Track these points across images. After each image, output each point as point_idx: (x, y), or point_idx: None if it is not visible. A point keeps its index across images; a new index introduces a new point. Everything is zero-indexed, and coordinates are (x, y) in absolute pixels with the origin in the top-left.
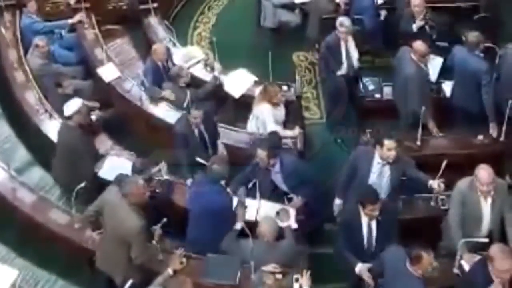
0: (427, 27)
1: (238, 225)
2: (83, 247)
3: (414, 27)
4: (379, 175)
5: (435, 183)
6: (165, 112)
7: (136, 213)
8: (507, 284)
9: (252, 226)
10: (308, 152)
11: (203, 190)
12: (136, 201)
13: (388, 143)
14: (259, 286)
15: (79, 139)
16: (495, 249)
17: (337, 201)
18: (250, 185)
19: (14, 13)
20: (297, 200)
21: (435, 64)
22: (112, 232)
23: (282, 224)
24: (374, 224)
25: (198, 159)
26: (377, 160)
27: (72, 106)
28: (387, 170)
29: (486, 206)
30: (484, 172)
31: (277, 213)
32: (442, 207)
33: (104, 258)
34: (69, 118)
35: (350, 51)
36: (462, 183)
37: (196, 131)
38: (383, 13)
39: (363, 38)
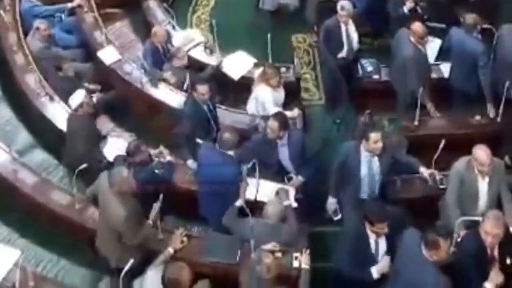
0: (418, 8)
1: (239, 202)
2: (84, 227)
3: (405, 8)
4: (369, 167)
5: (426, 172)
6: (166, 94)
7: (122, 203)
8: (495, 250)
9: (251, 205)
10: (308, 133)
11: (214, 160)
12: (121, 191)
13: (374, 135)
14: (258, 265)
15: (88, 126)
16: (491, 213)
17: (331, 200)
18: (250, 164)
19: None
20: (297, 179)
21: (433, 46)
22: (103, 217)
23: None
24: (382, 239)
25: (198, 140)
26: (364, 153)
27: (77, 98)
28: (375, 161)
29: (483, 185)
30: (482, 152)
31: (277, 192)
32: (440, 186)
33: (100, 239)
34: (76, 110)
35: (350, 34)
36: (459, 164)
37: (205, 108)
38: None
39: (359, 20)
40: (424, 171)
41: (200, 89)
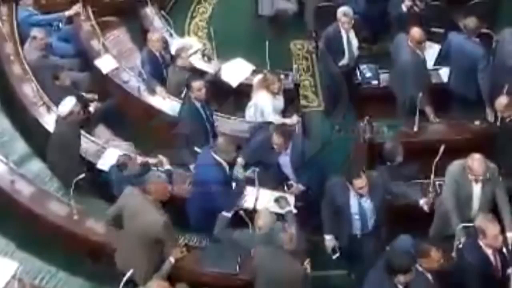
0: (416, 8)
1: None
2: (83, 238)
3: (403, 6)
4: (360, 205)
5: (426, 205)
6: (163, 102)
7: (159, 208)
8: (497, 255)
9: (250, 214)
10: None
11: (203, 160)
12: (158, 197)
13: (358, 182)
14: (281, 233)
15: (75, 134)
16: (481, 219)
17: (328, 237)
18: (249, 171)
19: (11, 7)
20: (297, 187)
21: (432, 51)
22: (136, 234)
23: (282, 211)
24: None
25: (197, 149)
26: (352, 194)
27: (67, 105)
28: (366, 199)
29: (477, 189)
30: (477, 163)
31: (276, 199)
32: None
33: (125, 255)
34: (64, 118)
35: (351, 40)
36: (454, 167)
37: (202, 111)
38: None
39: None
40: (424, 203)
41: (194, 85)
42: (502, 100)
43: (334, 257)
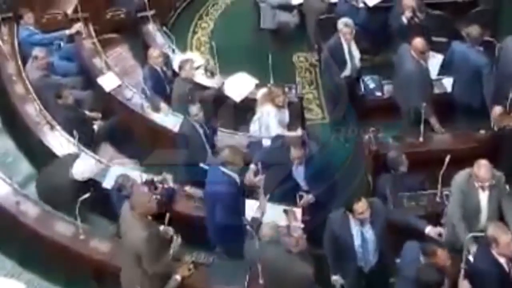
0: (416, 19)
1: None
2: (89, 258)
3: (404, 18)
4: (362, 237)
5: (433, 232)
6: (167, 119)
7: (143, 224)
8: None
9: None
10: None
11: (212, 177)
12: (143, 211)
13: (358, 206)
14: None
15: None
16: (493, 228)
17: (334, 277)
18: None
19: (12, 26)
20: (307, 198)
21: (435, 61)
22: (125, 248)
23: (289, 224)
24: None
25: (202, 165)
26: (352, 223)
27: (88, 171)
28: (368, 229)
29: (484, 197)
30: (483, 169)
31: (284, 211)
32: (447, 203)
33: (123, 273)
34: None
35: (352, 52)
36: (459, 177)
37: (201, 131)
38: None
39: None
40: (430, 230)
41: (192, 110)
42: (496, 110)
43: None
